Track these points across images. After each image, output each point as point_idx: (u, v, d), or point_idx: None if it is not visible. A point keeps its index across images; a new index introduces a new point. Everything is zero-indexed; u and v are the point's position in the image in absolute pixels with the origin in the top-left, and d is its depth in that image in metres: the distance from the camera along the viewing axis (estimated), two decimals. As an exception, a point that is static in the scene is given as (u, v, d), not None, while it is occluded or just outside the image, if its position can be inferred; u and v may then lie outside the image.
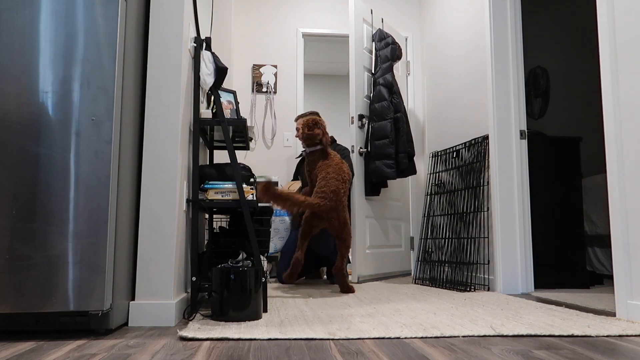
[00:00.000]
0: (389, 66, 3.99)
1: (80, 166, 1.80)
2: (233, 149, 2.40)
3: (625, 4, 2.24)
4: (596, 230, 3.99)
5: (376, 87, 3.94)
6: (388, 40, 4.06)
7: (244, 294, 2.08)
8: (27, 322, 1.83)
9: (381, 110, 3.83)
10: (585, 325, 1.96)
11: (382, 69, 3.97)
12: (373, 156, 3.80)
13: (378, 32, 4.11)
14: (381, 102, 3.85)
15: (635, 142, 2.16)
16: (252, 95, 4.64)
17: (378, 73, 3.98)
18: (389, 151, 3.77)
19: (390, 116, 3.82)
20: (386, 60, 4.00)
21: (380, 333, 1.80)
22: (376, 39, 4.10)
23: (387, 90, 3.90)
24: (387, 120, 3.81)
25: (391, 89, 3.92)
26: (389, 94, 3.89)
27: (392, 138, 3.80)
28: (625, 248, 2.18)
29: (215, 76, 2.49)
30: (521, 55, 3.36)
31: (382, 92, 3.88)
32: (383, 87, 3.90)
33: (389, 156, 3.77)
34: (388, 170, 3.74)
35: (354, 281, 3.68)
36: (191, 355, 1.52)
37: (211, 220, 2.98)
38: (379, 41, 4.08)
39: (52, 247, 1.75)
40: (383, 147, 3.78)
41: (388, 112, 3.83)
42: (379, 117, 3.83)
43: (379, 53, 4.04)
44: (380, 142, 3.79)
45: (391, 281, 3.82)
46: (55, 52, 1.83)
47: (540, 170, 3.45)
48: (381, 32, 4.11)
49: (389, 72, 3.97)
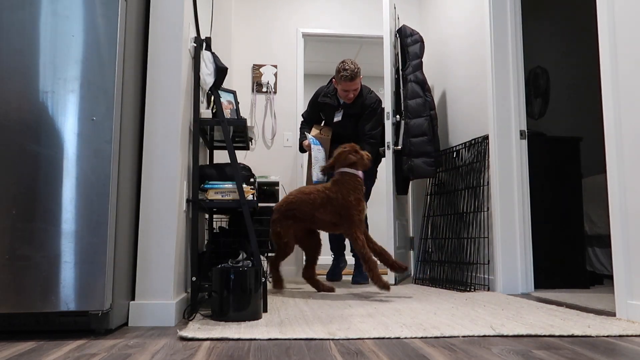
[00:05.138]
0: (418, 63, 3.94)
1: (80, 166, 1.80)
2: (233, 149, 2.40)
3: (625, 4, 2.24)
4: (596, 230, 3.99)
5: (407, 83, 3.88)
6: (416, 37, 4.01)
7: (244, 294, 2.08)
8: (27, 322, 1.83)
9: (416, 108, 3.78)
10: (586, 326, 1.96)
11: (412, 66, 3.92)
12: (409, 153, 3.74)
13: (403, 28, 4.06)
14: (416, 99, 3.80)
15: (635, 142, 2.16)
16: (252, 95, 4.64)
17: (408, 69, 3.93)
18: (428, 149, 3.72)
19: (426, 113, 3.78)
20: (416, 57, 3.95)
21: (380, 333, 1.80)
22: (402, 35, 4.06)
23: (420, 87, 3.85)
24: (423, 118, 3.76)
25: (424, 86, 3.88)
26: (422, 90, 3.84)
27: (430, 136, 3.75)
28: (625, 248, 2.18)
29: (215, 76, 2.49)
30: (521, 55, 3.36)
31: (416, 89, 3.83)
32: (415, 84, 3.85)
33: (428, 154, 3.72)
34: (429, 168, 3.70)
35: (392, 283, 3.59)
36: (191, 355, 1.52)
37: (211, 220, 2.98)
38: (406, 37, 4.02)
39: (52, 247, 1.75)
40: (422, 144, 3.72)
41: (424, 110, 3.79)
42: (414, 114, 3.78)
43: (408, 49, 3.99)
44: (418, 139, 3.73)
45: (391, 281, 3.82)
46: (55, 52, 1.83)
47: (540, 170, 3.45)
48: (406, 29, 4.05)
49: (419, 70, 3.92)
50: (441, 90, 4.31)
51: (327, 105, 3.84)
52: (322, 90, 3.91)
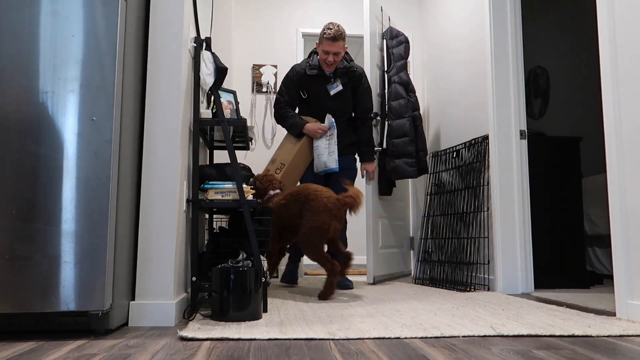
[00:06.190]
0: (403, 64, 3.95)
1: (80, 166, 1.80)
2: (233, 149, 2.40)
3: (625, 4, 2.24)
4: (596, 230, 3.99)
5: (391, 85, 3.89)
6: (401, 39, 4.02)
7: (244, 294, 2.08)
8: (27, 322, 1.83)
9: (399, 108, 3.79)
10: (586, 325, 1.96)
11: (397, 67, 3.93)
12: (392, 154, 3.75)
13: (389, 29, 4.07)
14: (398, 100, 3.81)
15: (635, 142, 2.16)
16: (252, 95, 4.64)
17: (392, 71, 3.94)
18: (410, 149, 3.72)
19: (408, 114, 3.78)
20: (400, 58, 3.95)
21: (381, 333, 1.80)
22: (387, 36, 4.06)
23: (404, 88, 3.85)
24: (405, 118, 3.76)
25: (407, 87, 3.88)
26: (405, 92, 3.85)
27: (412, 136, 3.75)
28: (625, 248, 2.18)
29: (215, 76, 2.49)
30: (521, 55, 3.36)
31: (399, 90, 3.84)
32: (399, 85, 3.86)
33: (409, 154, 3.72)
34: (410, 168, 3.71)
35: (370, 282, 3.60)
36: (191, 355, 1.52)
37: (211, 220, 2.98)
38: (391, 39, 4.04)
39: (52, 247, 1.75)
40: (403, 145, 3.73)
41: (406, 110, 3.79)
42: (396, 115, 3.79)
43: (392, 51, 4.00)
44: (399, 140, 3.74)
45: (392, 281, 3.82)
46: (55, 52, 1.83)
47: (540, 170, 3.45)
48: (392, 30, 4.07)
49: (404, 71, 3.93)
50: (441, 90, 4.31)
51: (316, 78, 3.41)
52: (302, 65, 3.48)
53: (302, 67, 3.46)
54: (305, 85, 3.44)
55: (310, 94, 3.44)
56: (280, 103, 3.45)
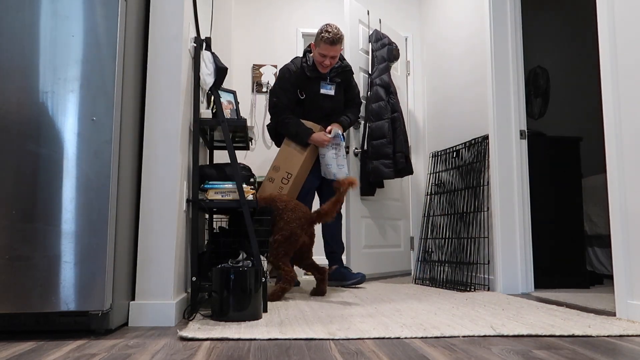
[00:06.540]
0: (385, 67, 4.00)
1: (80, 166, 1.80)
2: (233, 149, 2.40)
3: (625, 4, 2.24)
4: (596, 230, 3.99)
5: (373, 87, 3.94)
6: (384, 41, 4.08)
7: (244, 294, 2.08)
8: (27, 322, 1.83)
9: (378, 111, 3.84)
10: (586, 325, 1.96)
11: (379, 70, 3.98)
12: (371, 156, 3.81)
13: (374, 33, 4.12)
14: (378, 102, 3.86)
15: (635, 142, 2.16)
16: (252, 95, 4.64)
17: (375, 74, 3.98)
18: (387, 151, 3.77)
19: (387, 116, 3.83)
20: (383, 60, 4.01)
21: (381, 333, 1.80)
22: (372, 39, 4.10)
23: (384, 90, 3.91)
24: (384, 120, 3.82)
25: (388, 89, 3.93)
26: (385, 94, 3.91)
27: (390, 138, 3.81)
28: (625, 248, 2.18)
29: (215, 76, 2.49)
30: (521, 55, 3.36)
31: (379, 93, 3.89)
32: (380, 88, 3.91)
33: (386, 156, 3.78)
34: (386, 170, 3.76)
35: None
36: (191, 355, 1.52)
37: (211, 220, 2.98)
38: (375, 42, 4.09)
39: (52, 247, 1.75)
40: (381, 147, 3.78)
41: (385, 112, 3.84)
42: (376, 117, 3.84)
43: (376, 54, 4.05)
44: (377, 142, 3.79)
45: (391, 281, 3.82)
46: (55, 52, 1.83)
47: (540, 170, 3.45)
48: (377, 33, 4.11)
49: (386, 73, 3.98)
50: (441, 90, 4.31)
51: (314, 78, 3.33)
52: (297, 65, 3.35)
53: (297, 67, 3.33)
54: (302, 85, 3.33)
55: (307, 94, 3.35)
56: (279, 107, 3.30)
